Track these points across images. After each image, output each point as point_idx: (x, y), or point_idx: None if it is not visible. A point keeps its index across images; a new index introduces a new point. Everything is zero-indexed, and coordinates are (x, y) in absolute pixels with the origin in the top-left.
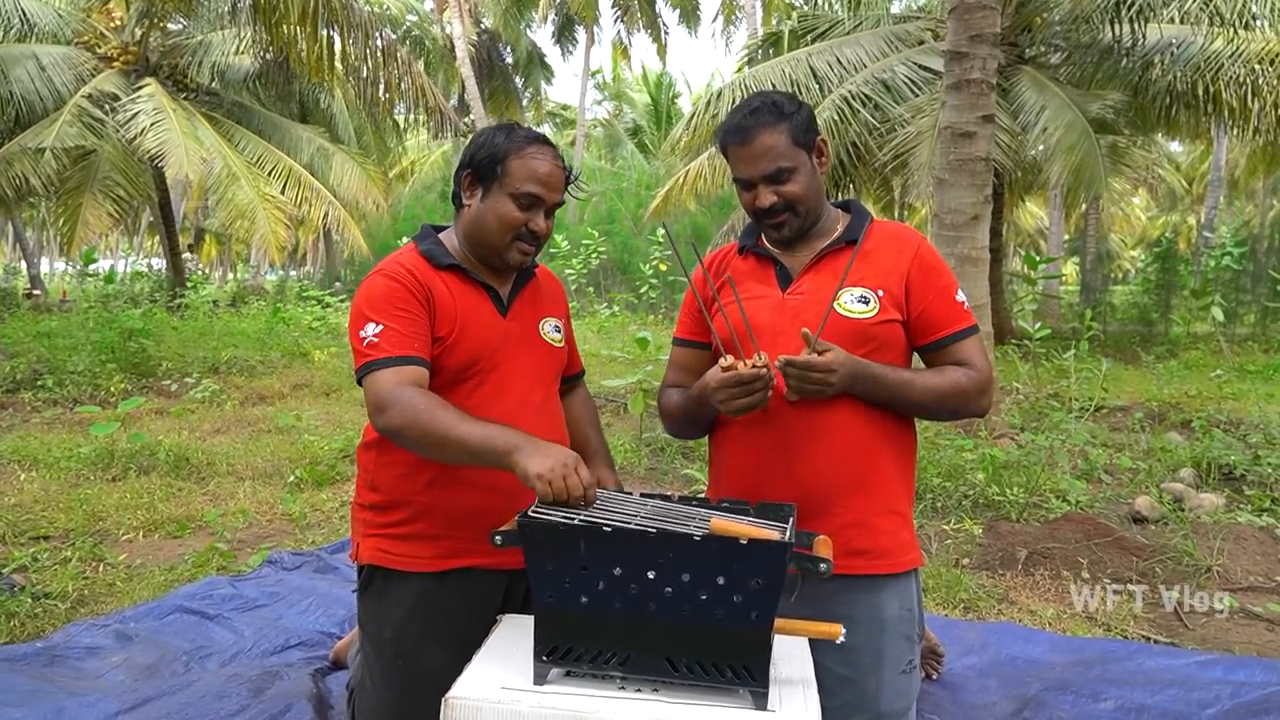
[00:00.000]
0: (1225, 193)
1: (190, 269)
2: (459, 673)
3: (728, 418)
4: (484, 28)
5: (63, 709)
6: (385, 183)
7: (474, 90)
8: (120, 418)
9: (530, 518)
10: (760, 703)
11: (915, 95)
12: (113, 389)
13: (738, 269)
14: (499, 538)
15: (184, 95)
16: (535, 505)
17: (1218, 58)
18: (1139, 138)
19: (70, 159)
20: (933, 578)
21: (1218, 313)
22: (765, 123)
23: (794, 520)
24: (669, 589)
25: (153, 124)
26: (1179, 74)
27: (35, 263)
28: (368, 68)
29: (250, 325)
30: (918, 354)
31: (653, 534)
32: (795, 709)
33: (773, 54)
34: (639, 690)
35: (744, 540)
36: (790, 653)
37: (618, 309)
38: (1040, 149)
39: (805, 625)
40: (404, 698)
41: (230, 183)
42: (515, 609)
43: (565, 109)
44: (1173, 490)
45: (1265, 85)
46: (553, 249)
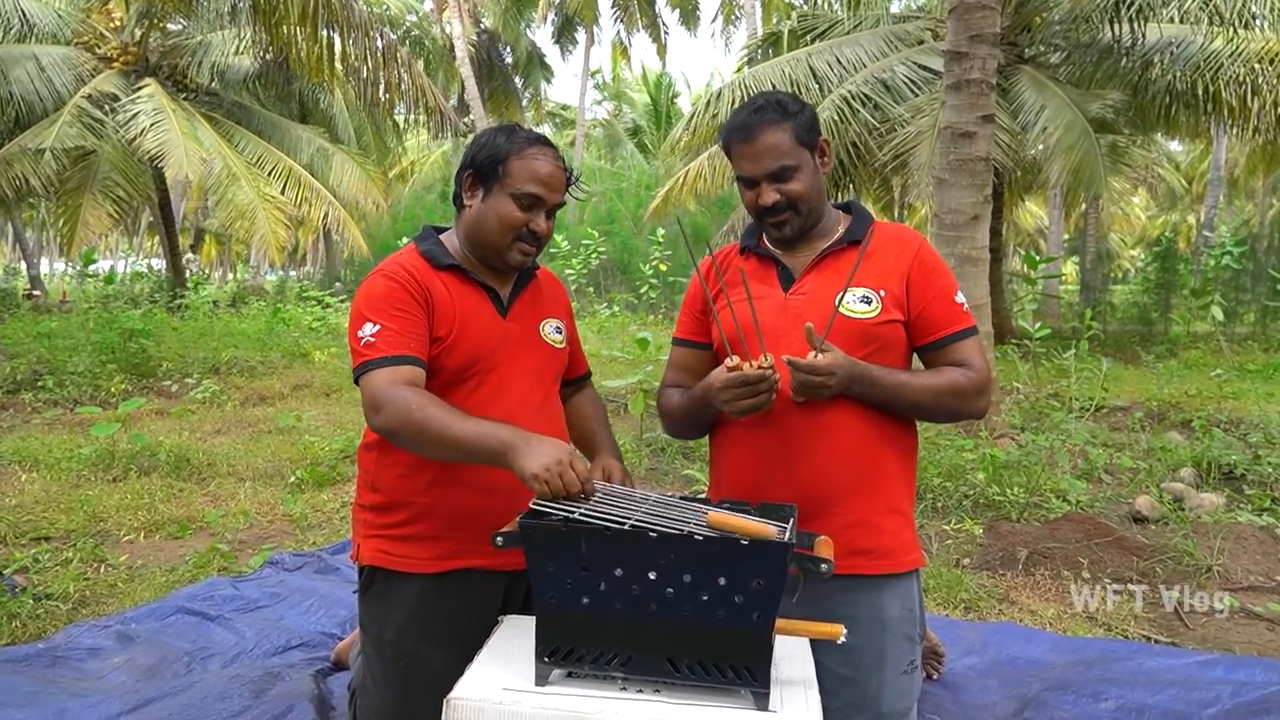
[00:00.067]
0: (1225, 192)
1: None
2: (460, 673)
3: (729, 418)
4: (484, 28)
5: (65, 710)
6: (385, 183)
7: (474, 90)
8: (121, 418)
9: (531, 518)
10: (762, 703)
11: (915, 95)
12: (113, 390)
13: (740, 269)
14: (500, 539)
15: (184, 95)
16: (534, 501)
17: (1217, 57)
18: (1139, 137)
19: (70, 159)
20: (933, 578)
21: (1218, 312)
22: (770, 121)
23: (794, 520)
24: (670, 590)
25: (152, 124)
26: (1178, 73)
27: (35, 263)
28: (368, 68)
29: (250, 326)
30: (917, 354)
31: (654, 535)
32: (797, 709)
33: (772, 54)
34: (640, 691)
35: (745, 541)
36: (791, 653)
37: (618, 309)
38: (1040, 148)
39: (806, 626)
40: (405, 698)
41: (230, 183)
42: (516, 610)
43: (565, 109)
44: (1173, 490)
45: (1265, 84)
46: (553, 249)
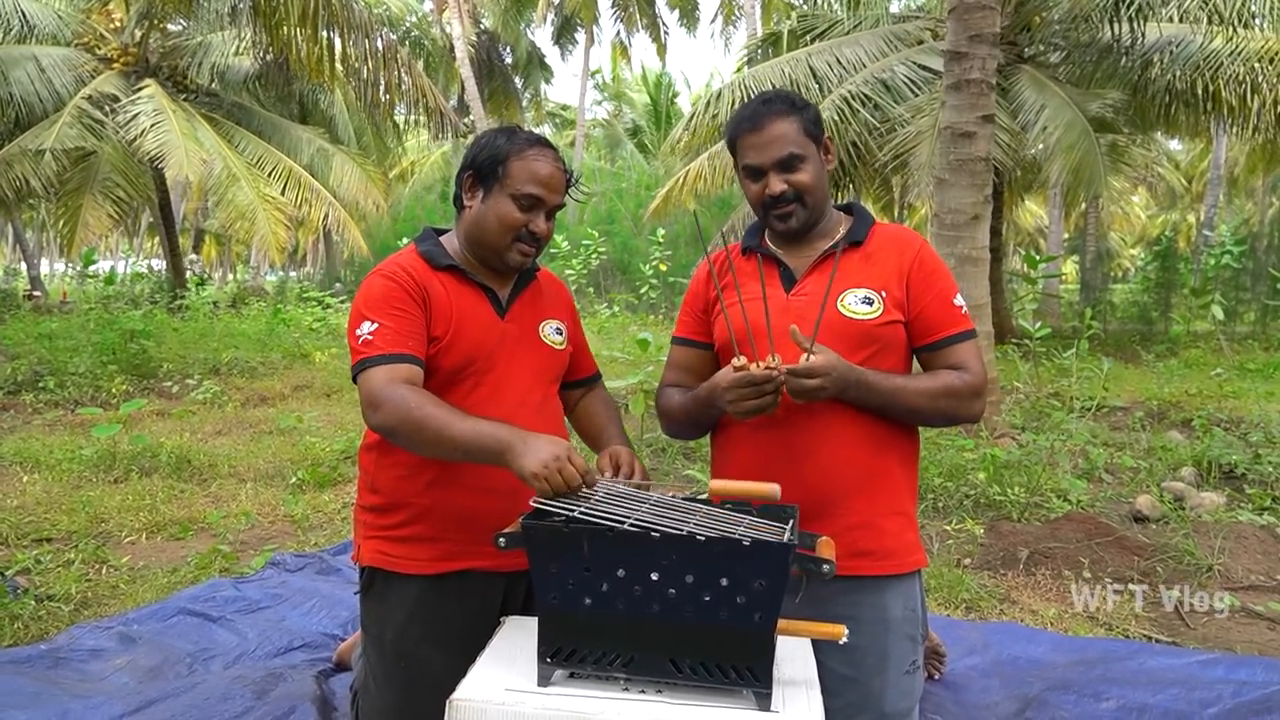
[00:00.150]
0: (1225, 191)
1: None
2: (461, 674)
3: (731, 419)
4: (483, 28)
5: (67, 711)
6: (385, 183)
7: (474, 91)
8: (122, 419)
9: (533, 519)
10: (764, 703)
11: (915, 95)
12: (114, 390)
13: (741, 269)
14: (503, 540)
15: (184, 96)
16: (534, 500)
17: (1217, 56)
18: (1138, 136)
19: (70, 160)
20: (935, 578)
21: (1218, 311)
22: (778, 111)
23: (795, 521)
24: (672, 590)
25: (153, 125)
26: (1178, 72)
27: (35, 264)
28: (368, 69)
29: (251, 326)
30: (914, 356)
31: (656, 535)
32: (799, 710)
33: (772, 54)
34: (642, 691)
35: (747, 541)
36: (793, 654)
37: (618, 309)
38: (1040, 148)
39: (808, 626)
40: (407, 699)
41: (230, 184)
42: (515, 610)
43: (565, 109)
44: (1173, 489)
45: (1264, 83)
46: (553, 249)
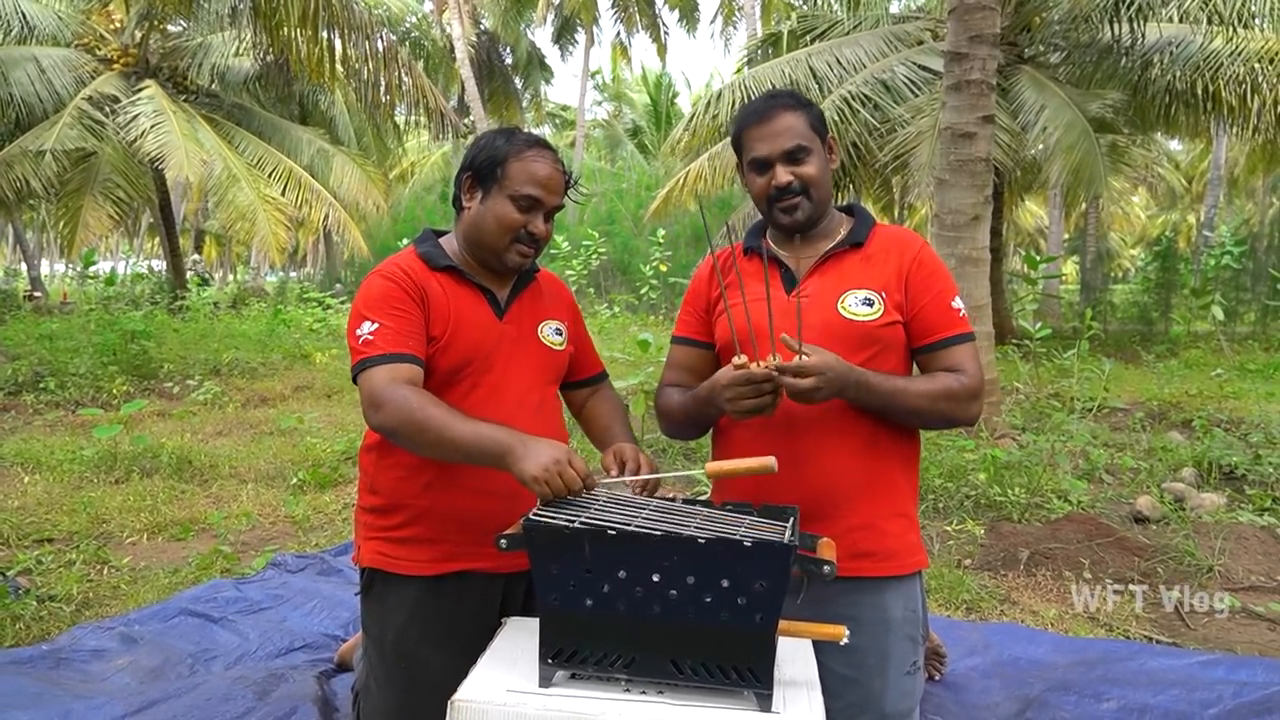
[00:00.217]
0: (1225, 191)
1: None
2: (462, 675)
3: (732, 421)
4: (483, 29)
5: (69, 712)
6: (385, 184)
7: (474, 91)
8: (122, 420)
9: (535, 521)
10: (765, 704)
11: (915, 95)
12: (114, 391)
13: (744, 270)
14: (504, 541)
15: (184, 97)
16: (537, 508)
17: (1217, 56)
18: (1138, 136)
19: (70, 161)
20: (935, 578)
21: (1218, 311)
22: (785, 105)
23: (796, 522)
24: (673, 591)
25: (153, 126)
26: (1178, 73)
27: (36, 265)
28: (368, 69)
29: (251, 327)
30: (911, 357)
31: (657, 537)
32: (800, 710)
33: (772, 54)
34: (644, 692)
35: (748, 543)
36: (794, 654)
37: (618, 310)
38: (1040, 148)
39: (809, 627)
40: (408, 700)
41: (230, 184)
42: (515, 611)
43: (565, 110)
44: (1174, 490)
45: (1264, 83)
46: (553, 250)
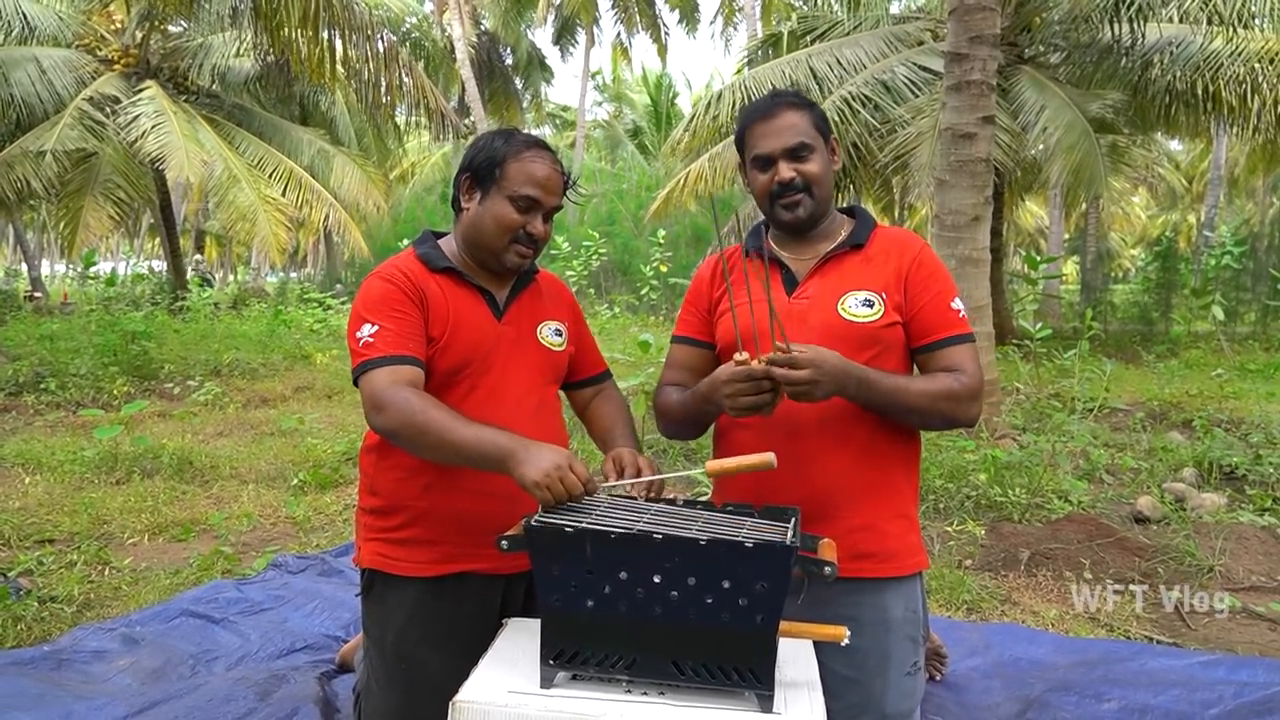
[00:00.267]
0: (1225, 191)
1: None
2: (462, 676)
3: (734, 422)
4: (484, 29)
5: (71, 713)
6: (386, 184)
7: (474, 92)
8: (123, 421)
9: (536, 523)
10: (766, 705)
11: (915, 96)
12: (115, 392)
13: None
14: (505, 542)
15: (185, 98)
16: (540, 513)
17: (1217, 56)
18: (1139, 137)
19: (71, 162)
20: (936, 579)
21: (1218, 311)
22: (789, 103)
23: (797, 523)
24: (674, 592)
25: (153, 126)
26: (1178, 73)
27: (36, 265)
28: (369, 70)
29: (251, 328)
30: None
31: (658, 538)
32: (801, 711)
33: (772, 55)
34: (645, 693)
35: (749, 544)
36: (795, 655)
37: (618, 311)
38: (1040, 148)
39: (810, 628)
40: (409, 701)
41: (231, 185)
42: (515, 612)
43: (565, 110)
44: (1174, 490)
45: (1264, 83)
46: (553, 250)
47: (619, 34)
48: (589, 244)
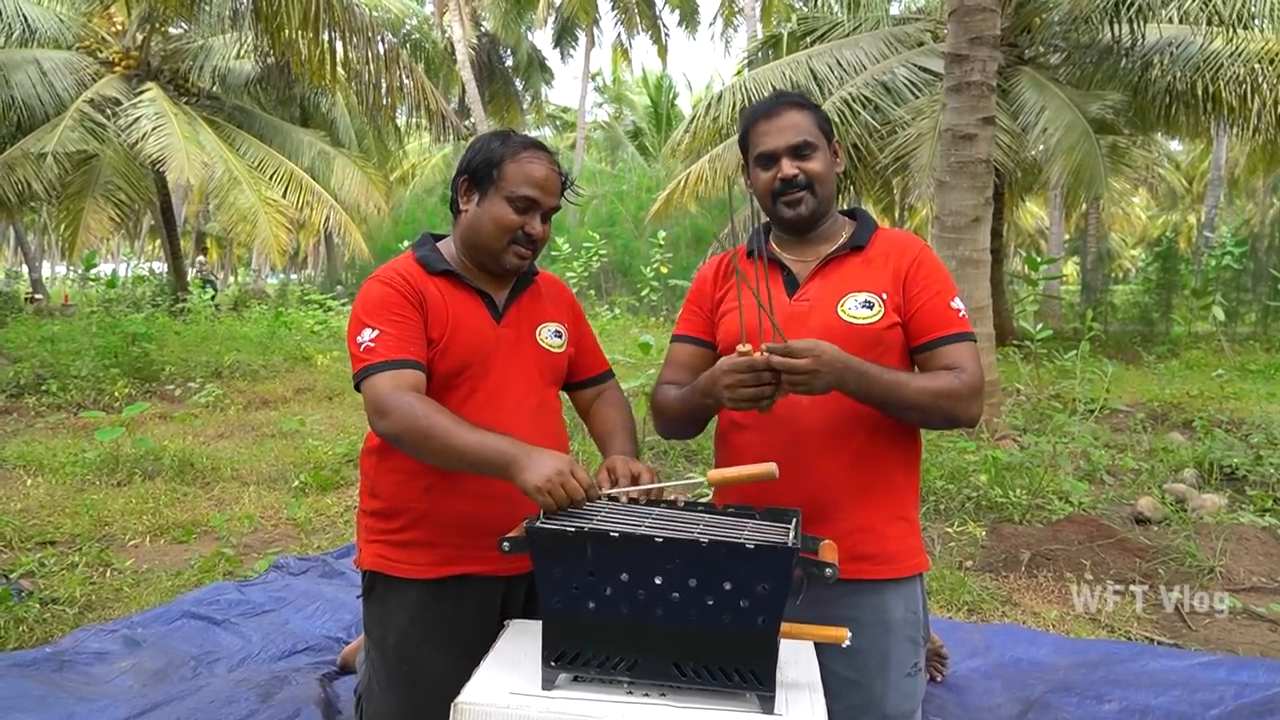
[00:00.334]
0: (1225, 191)
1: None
2: (464, 678)
3: (734, 423)
4: (484, 31)
5: (72, 714)
6: (386, 186)
7: (474, 93)
8: (124, 422)
9: (538, 525)
10: (767, 706)
11: (915, 97)
12: (116, 394)
13: (746, 272)
14: (506, 544)
15: (185, 100)
16: (541, 517)
17: (1217, 57)
18: (1139, 137)
19: (72, 163)
20: (936, 580)
21: (1219, 312)
22: (793, 102)
23: (798, 524)
24: (676, 594)
25: (154, 128)
26: (1178, 73)
27: (37, 267)
28: (369, 71)
29: (252, 329)
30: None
31: (659, 540)
32: (802, 712)
33: (772, 56)
34: (646, 695)
35: (751, 545)
36: (796, 656)
37: (619, 312)
38: (1040, 149)
39: (811, 630)
40: (410, 703)
41: (231, 187)
42: (516, 614)
43: (565, 111)
44: (1175, 491)
45: (1264, 84)
46: (554, 252)
47: (619, 35)
48: (589, 245)
